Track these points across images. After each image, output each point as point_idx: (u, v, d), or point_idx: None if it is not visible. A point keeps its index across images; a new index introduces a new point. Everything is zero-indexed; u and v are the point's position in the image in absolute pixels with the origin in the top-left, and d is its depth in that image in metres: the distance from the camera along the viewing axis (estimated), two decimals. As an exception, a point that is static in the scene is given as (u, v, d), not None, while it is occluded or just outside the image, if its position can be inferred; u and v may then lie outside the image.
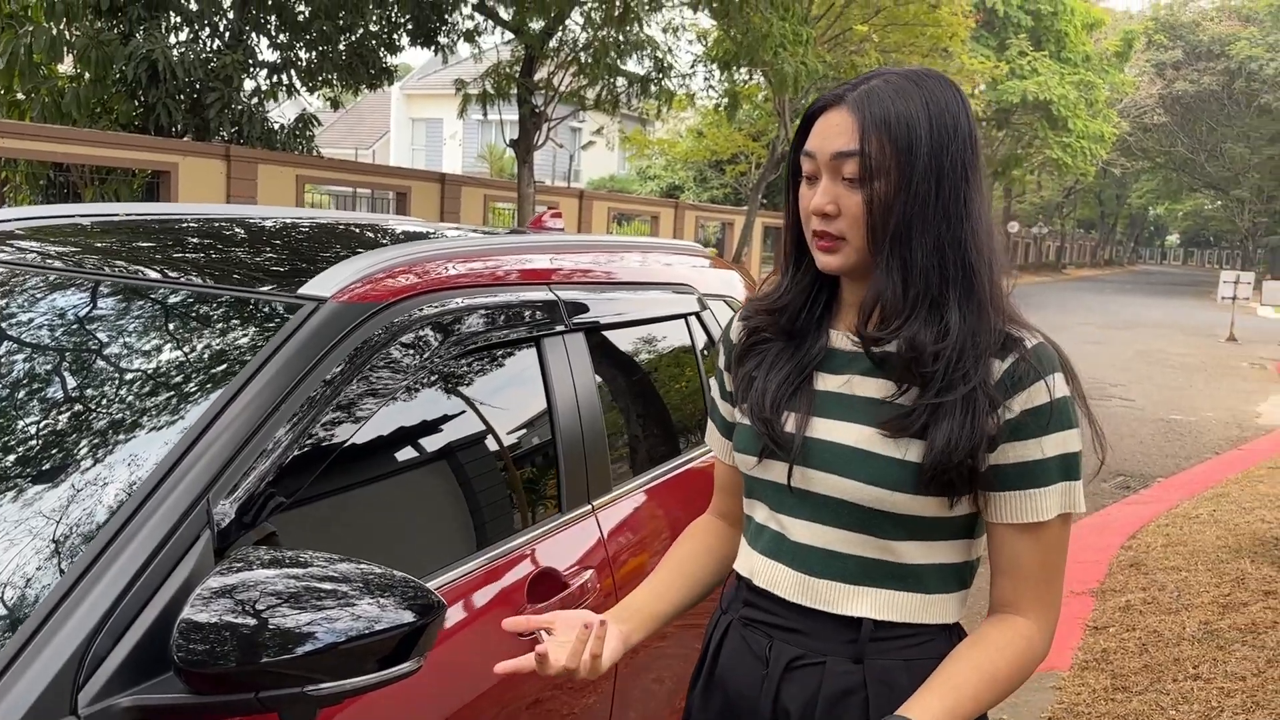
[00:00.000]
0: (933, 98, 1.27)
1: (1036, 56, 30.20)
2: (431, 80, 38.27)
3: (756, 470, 1.39)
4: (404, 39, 16.35)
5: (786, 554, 1.37)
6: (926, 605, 1.33)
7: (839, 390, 1.34)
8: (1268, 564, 4.71)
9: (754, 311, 1.44)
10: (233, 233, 2.20)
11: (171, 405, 1.46)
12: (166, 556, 1.25)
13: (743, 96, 17.18)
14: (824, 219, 1.29)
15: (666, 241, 2.89)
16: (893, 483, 1.27)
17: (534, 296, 2.03)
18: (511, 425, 1.98)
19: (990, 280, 1.28)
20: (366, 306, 1.64)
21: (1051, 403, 1.26)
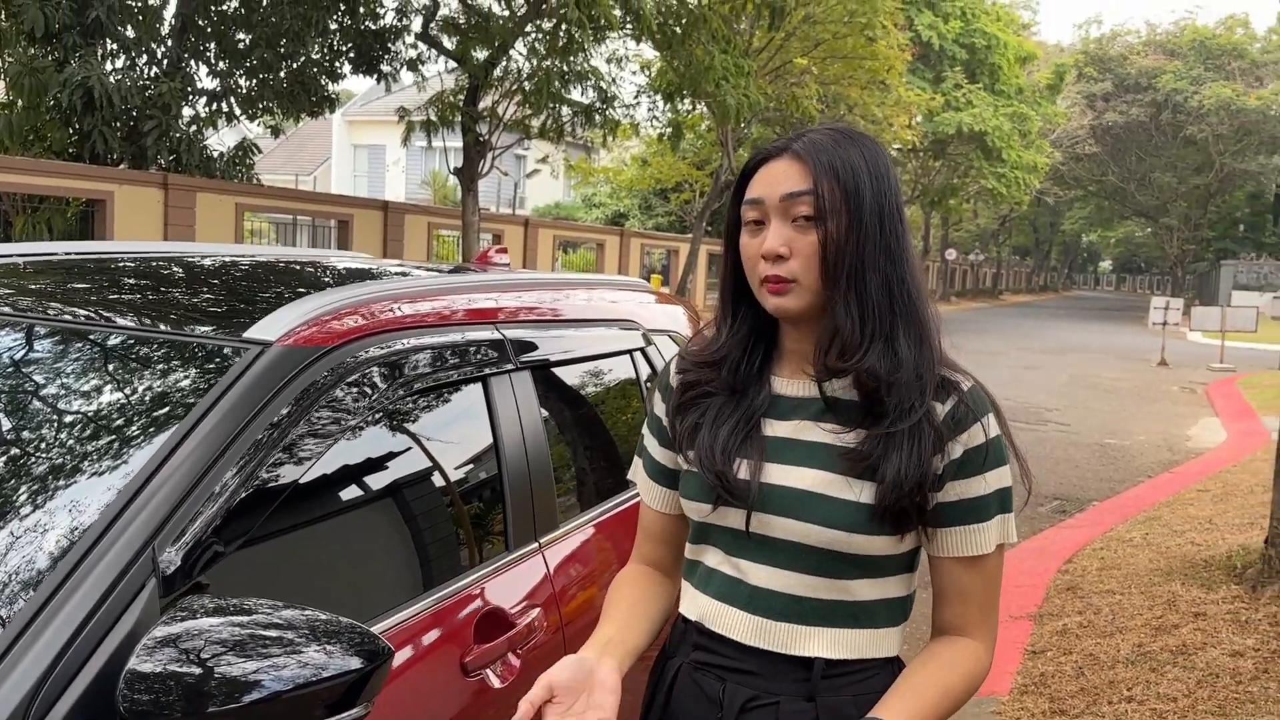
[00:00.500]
0: (865, 148, 1.36)
1: (971, 89, 30.94)
2: (374, 106, 38.09)
3: (712, 517, 1.40)
4: (346, 67, 16.30)
5: (742, 598, 1.39)
6: (875, 640, 1.38)
7: (790, 436, 1.37)
8: (1197, 586, 4.85)
9: (691, 366, 1.46)
10: (175, 273, 2.19)
11: (117, 451, 1.46)
12: (112, 605, 1.25)
13: (686, 126, 17.37)
14: (776, 262, 1.32)
15: (611, 278, 2.93)
16: (849, 524, 1.31)
17: (480, 336, 2.05)
18: (458, 464, 1.99)
19: (929, 315, 1.36)
20: (312, 350, 1.65)
21: (988, 442, 1.34)
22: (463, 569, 1.87)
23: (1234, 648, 4.04)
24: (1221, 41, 45.05)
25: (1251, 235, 51.54)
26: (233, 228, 14.35)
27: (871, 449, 1.31)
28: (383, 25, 15.92)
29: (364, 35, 15.52)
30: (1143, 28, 48.67)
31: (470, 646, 1.76)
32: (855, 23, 20.12)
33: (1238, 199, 50.92)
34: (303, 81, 15.23)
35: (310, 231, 17.31)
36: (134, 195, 12.66)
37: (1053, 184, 48.06)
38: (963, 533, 1.35)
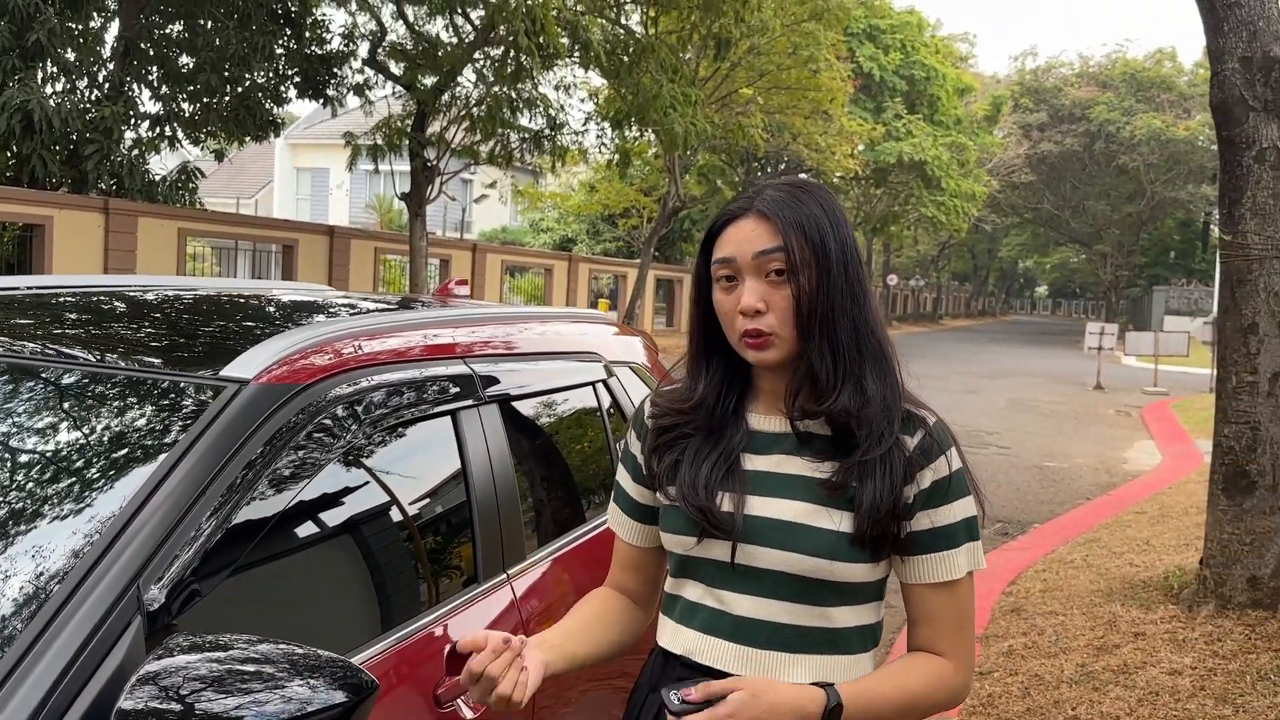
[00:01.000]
0: (822, 200, 1.44)
1: (911, 119, 31.59)
2: (318, 130, 37.84)
3: (695, 550, 1.45)
4: (291, 91, 16.23)
5: (727, 629, 1.44)
6: (851, 666, 1.44)
7: (770, 469, 1.44)
8: (1137, 607, 4.99)
9: (665, 412, 1.52)
10: (146, 309, 2.20)
11: (99, 489, 1.48)
12: (99, 644, 1.26)
13: (634, 153, 17.51)
14: (754, 317, 1.39)
15: (572, 311, 2.98)
16: (830, 551, 1.38)
17: (449, 371, 2.09)
18: (429, 498, 2.02)
19: (890, 349, 1.45)
20: (288, 387, 1.68)
21: (953, 474, 1.42)
22: (435, 601, 1.90)
23: (1172, 666, 4.18)
24: (1151, 74, 46.52)
25: (1182, 261, 53.10)
26: (175, 253, 14.18)
27: (847, 478, 1.39)
28: (329, 50, 15.89)
29: (310, 60, 15.48)
30: (1076, 60, 50.03)
31: (442, 678, 1.79)
32: (799, 55, 20.50)
33: (1169, 226, 52.46)
34: (247, 105, 15.13)
35: (251, 257, 17.12)
36: (74, 220, 12.46)
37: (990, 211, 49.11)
38: (934, 560, 1.42)
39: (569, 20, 13.31)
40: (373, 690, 1.31)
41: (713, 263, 1.44)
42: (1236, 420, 4.69)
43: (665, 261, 29.84)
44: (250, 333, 2.09)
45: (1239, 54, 4.60)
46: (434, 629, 1.83)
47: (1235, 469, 4.68)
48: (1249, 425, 4.65)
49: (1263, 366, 4.62)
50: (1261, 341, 4.61)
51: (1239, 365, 4.69)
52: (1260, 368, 4.62)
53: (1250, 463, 4.64)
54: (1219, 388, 4.83)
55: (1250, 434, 4.64)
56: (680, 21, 15.73)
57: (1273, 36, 4.59)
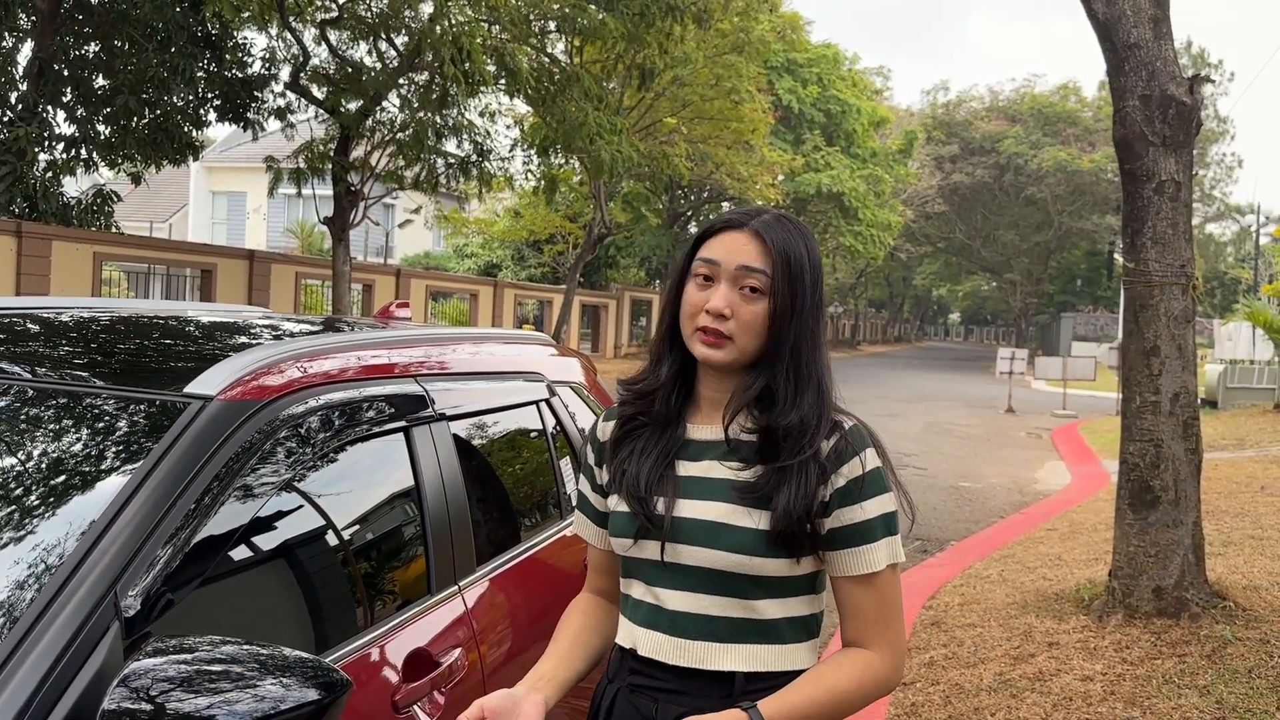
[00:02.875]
0: (807, 240, 1.59)
1: (829, 151, 32.33)
2: (235, 153, 37.22)
3: (633, 550, 1.59)
4: (212, 115, 16.00)
5: (664, 622, 1.56)
6: (785, 655, 1.55)
7: (700, 475, 1.57)
8: (1050, 618, 5.21)
9: (629, 396, 1.66)
10: (100, 328, 2.23)
11: (73, 503, 1.52)
12: (79, 649, 1.31)
13: (560, 180, 17.63)
14: (718, 318, 1.52)
15: (516, 333, 3.06)
16: (749, 548, 1.50)
17: (402, 389, 2.15)
18: (385, 512, 2.09)
19: (830, 379, 1.59)
20: (249, 404, 1.73)
21: (866, 473, 1.54)
22: (392, 610, 1.96)
23: (1084, 673, 4.37)
24: (1057, 109, 48.35)
25: (1089, 289, 55.01)
26: (90, 278, 13.85)
27: (765, 482, 1.51)
28: (250, 74, 15.72)
29: (231, 83, 15.28)
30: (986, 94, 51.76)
31: (400, 685, 1.85)
32: (721, 86, 20.88)
33: (1075, 255, 54.37)
34: (166, 128, 14.87)
35: (165, 282, 16.77)
36: (-16, 243, 12.11)
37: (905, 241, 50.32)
38: (852, 554, 1.53)
39: (495, 48, 13.41)
40: (346, 688, 1.37)
41: (696, 259, 1.57)
42: (1141, 438, 4.94)
43: (591, 288, 29.97)
44: (206, 351, 2.13)
45: (1139, 92, 4.90)
46: (391, 637, 1.89)
47: (1140, 485, 4.93)
48: (1152, 443, 4.90)
49: (1164, 387, 4.89)
50: (1163, 363, 4.88)
51: (1142, 386, 4.95)
52: (1162, 388, 4.89)
53: (1154, 478, 4.89)
54: (1124, 407, 5.09)
55: (1154, 451, 4.90)
56: (605, 51, 15.94)
57: (1169, 76, 4.89)
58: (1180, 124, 4.88)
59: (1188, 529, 4.88)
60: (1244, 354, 21.55)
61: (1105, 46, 5.03)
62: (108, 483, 1.54)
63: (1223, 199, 51.37)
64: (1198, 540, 4.93)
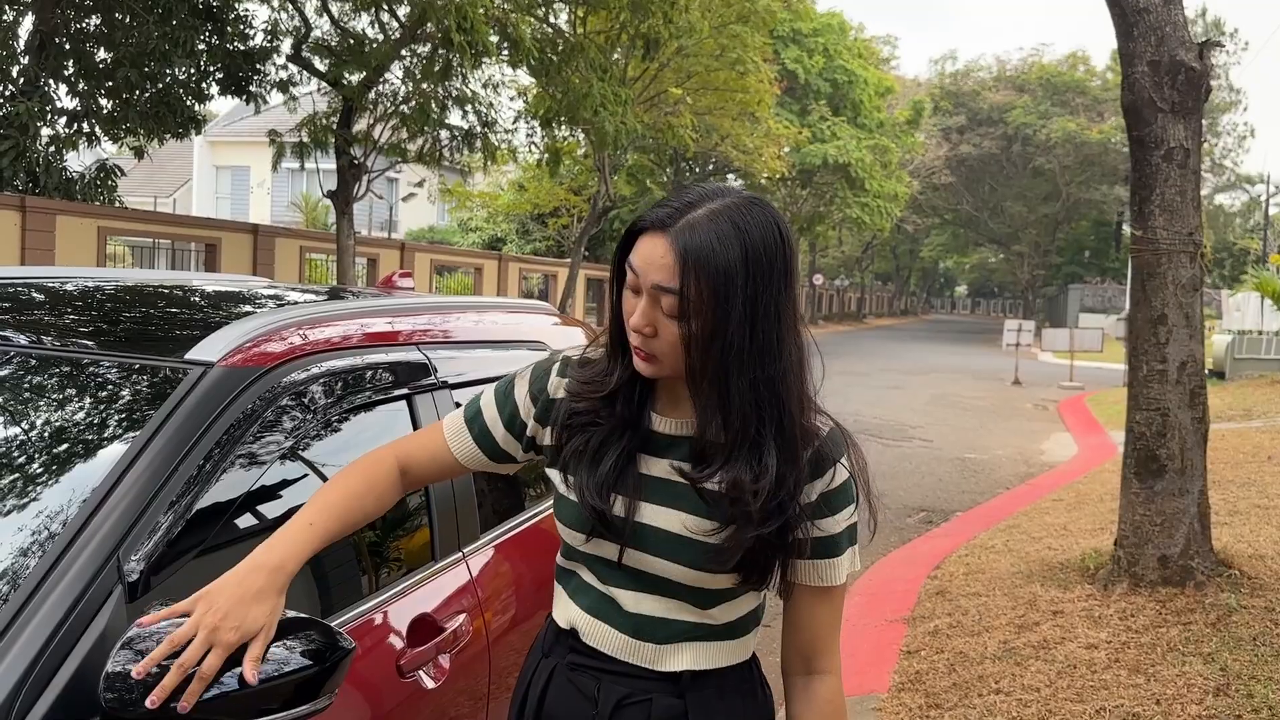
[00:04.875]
0: (751, 241, 1.30)
1: (836, 122, 32.15)
2: (238, 127, 37.13)
3: (584, 545, 1.48)
4: (214, 88, 15.93)
5: (616, 619, 1.47)
6: (733, 649, 1.50)
7: (663, 476, 1.43)
8: (1055, 587, 5.22)
9: (583, 394, 1.47)
10: (104, 297, 2.22)
11: (75, 467, 1.52)
12: (83, 611, 1.31)
13: (564, 152, 17.56)
14: (641, 336, 1.35)
15: (519, 301, 3.05)
16: (711, 565, 1.40)
17: (405, 357, 2.15)
18: (387, 479, 2.08)
19: (801, 409, 1.37)
20: (251, 370, 1.73)
21: (838, 486, 1.42)
22: (395, 577, 1.96)
23: (1089, 641, 4.38)
24: (1066, 78, 48.00)
25: (1096, 260, 54.82)
26: (94, 252, 13.85)
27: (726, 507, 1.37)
28: (252, 46, 15.63)
29: (232, 56, 15.20)
30: (994, 64, 51.40)
31: (405, 649, 1.85)
32: (726, 57, 20.73)
33: (1083, 226, 54.14)
34: (168, 102, 14.81)
35: (170, 257, 16.76)
36: (-12, 217, 12.11)
37: (912, 213, 50.17)
38: (816, 566, 1.44)
39: (498, 18, 13.31)
40: (350, 652, 1.37)
41: (626, 264, 1.37)
42: (1147, 407, 4.93)
43: (596, 261, 29.92)
44: (208, 319, 2.12)
45: (1148, 58, 4.85)
46: (395, 603, 1.89)
47: (1147, 453, 4.92)
48: (1159, 411, 4.89)
49: (1171, 355, 4.87)
50: (1170, 332, 4.86)
51: (1149, 354, 4.93)
52: (1169, 356, 4.87)
53: (1160, 447, 4.88)
54: (1131, 376, 5.07)
55: (1160, 420, 4.88)
56: (609, 21, 15.83)
57: (1179, 41, 4.84)
58: (1190, 90, 4.83)
59: (1194, 498, 4.88)
60: (1252, 325, 21.47)
61: (1114, 11, 4.98)
62: (110, 449, 1.54)
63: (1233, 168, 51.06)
64: (1204, 509, 4.93)
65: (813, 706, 1.49)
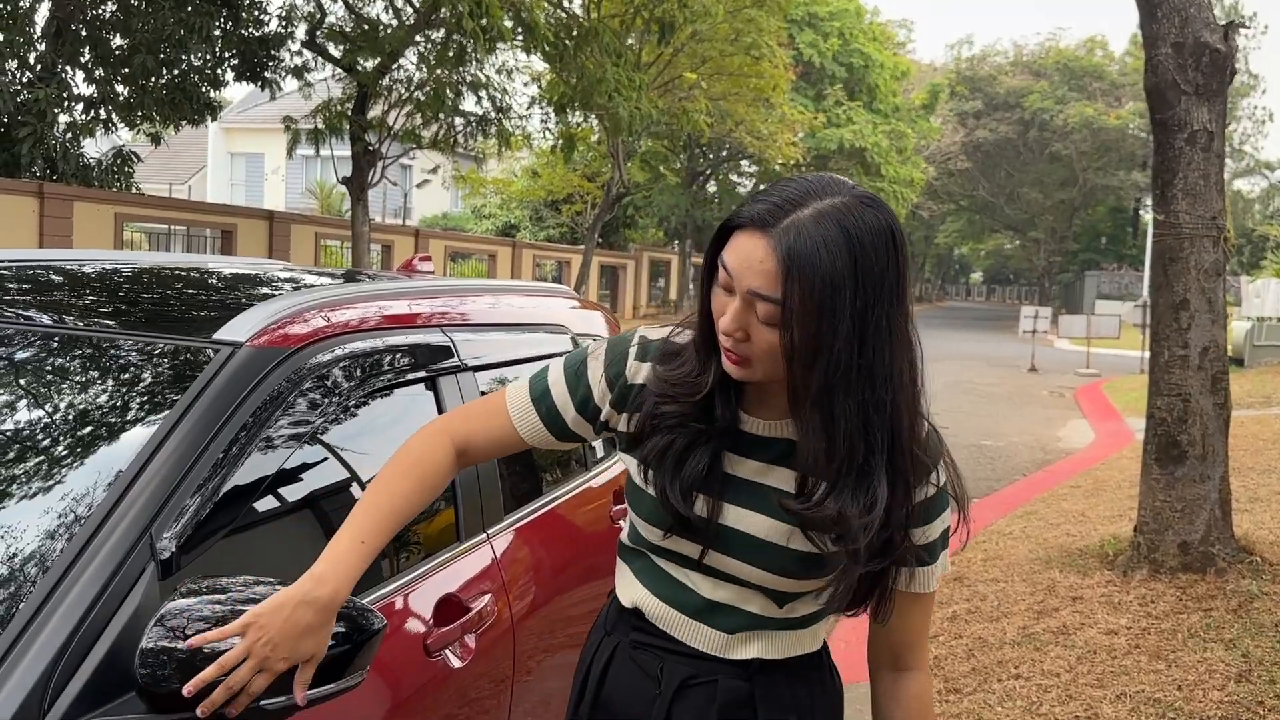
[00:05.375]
0: (862, 249, 1.18)
1: (851, 106, 31.96)
2: (253, 114, 37.18)
3: (663, 542, 1.42)
4: (229, 74, 15.95)
5: (688, 606, 1.43)
6: (805, 639, 1.46)
7: (751, 478, 1.36)
8: (1074, 573, 5.20)
9: (672, 396, 1.36)
10: (127, 279, 2.23)
11: (105, 446, 1.52)
12: (117, 588, 1.32)
13: (578, 138, 17.52)
14: (733, 340, 1.25)
15: (541, 285, 3.05)
16: (802, 572, 1.36)
17: (429, 339, 2.15)
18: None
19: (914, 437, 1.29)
20: (279, 351, 1.73)
21: (938, 493, 1.36)
22: (419, 559, 1.97)
23: (1109, 627, 4.37)
24: (1084, 63, 47.60)
25: (1113, 247, 54.45)
26: (111, 238, 13.91)
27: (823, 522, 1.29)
28: (267, 32, 15.64)
29: (247, 42, 15.21)
30: (1011, 48, 51.16)
31: (431, 629, 1.86)
32: (741, 41, 20.63)
33: (1100, 213, 53.76)
34: (184, 88, 14.83)
35: (185, 243, 16.81)
36: (7, 204, 12.17)
37: (927, 198, 49.86)
38: (911, 574, 1.39)
39: (512, 2, 13.27)
40: (380, 630, 1.37)
41: (719, 257, 1.26)
42: (1169, 393, 4.90)
43: (609, 248, 29.90)
44: (231, 300, 2.12)
45: (1171, 39, 4.80)
46: (421, 584, 1.90)
47: (1168, 439, 4.89)
48: (1180, 397, 4.86)
49: (1193, 341, 4.83)
50: (1192, 317, 4.82)
51: (1171, 340, 4.89)
52: (1191, 342, 4.83)
53: (1181, 433, 4.85)
54: (1152, 361, 5.04)
55: (1182, 405, 4.85)
56: (623, 5, 15.78)
57: (1203, 23, 4.78)
58: (1214, 72, 4.78)
59: (1215, 484, 4.85)
60: (1271, 311, 21.31)
61: (1137, -7, 4.93)
62: (140, 428, 1.55)
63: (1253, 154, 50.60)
64: (1225, 495, 4.90)
65: (900, 703, 1.46)
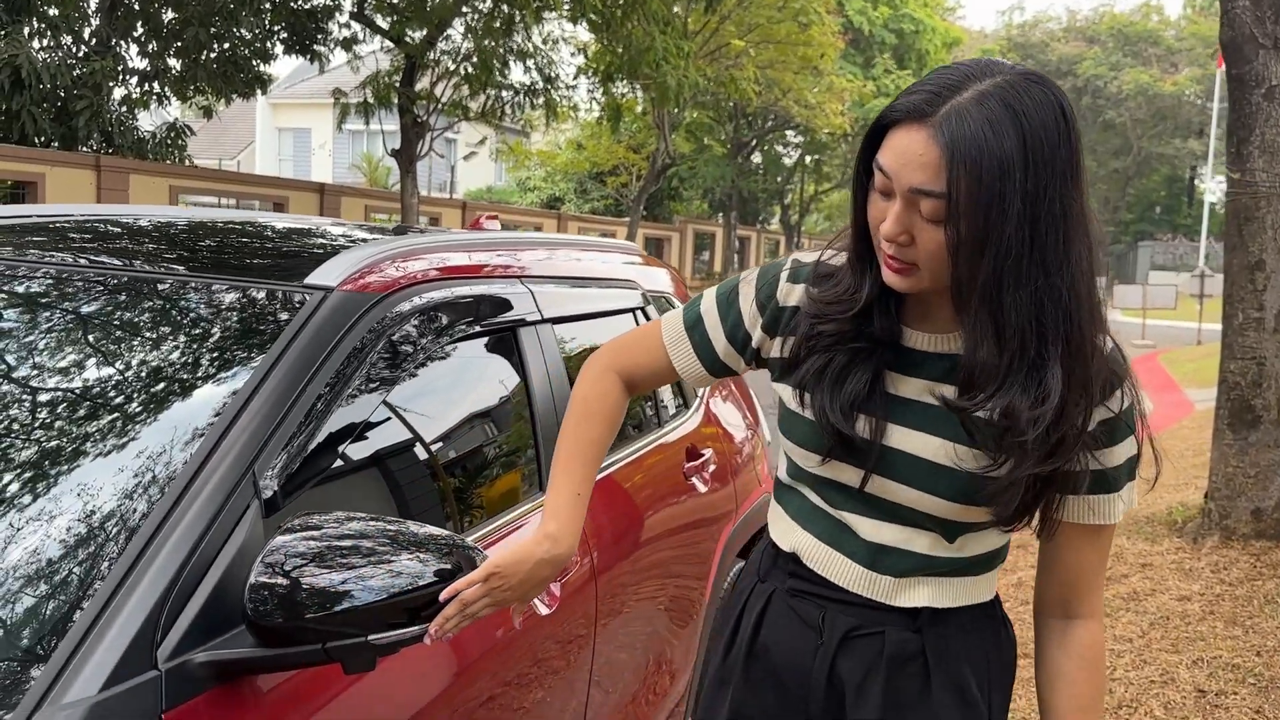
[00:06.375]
0: (1031, 126, 1.11)
1: (900, 75, 31.48)
2: (299, 89, 37.42)
3: (819, 468, 1.34)
4: (278, 47, 16.06)
5: (849, 548, 1.35)
6: (976, 586, 1.37)
7: (916, 397, 1.28)
8: (1141, 540, 5.11)
9: (828, 315, 1.29)
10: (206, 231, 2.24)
11: (205, 388, 1.53)
12: (222, 524, 1.32)
13: (624, 109, 17.44)
14: (896, 245, 1.18)
15: (607, 241, 3.02)
16: (972, 496, 1.25)
17: (509, 290, 2.13)
18: (495, 409, 2.08)
19: (1093, 323, 1.19)
20: (369, 296, 1.72)
21: (1123, 411, 1.25)
22: (504, 508, 1.96)
23: (1181, 593, 4.29)
24: (1138, 29, 46.49)
25: (1168, 217, 53.34)
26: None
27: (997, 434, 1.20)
28: (315, 4, 15.70)
29: (296, 15, 15.29)
30: (1063, 14, 50.03)
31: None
32: (789, 8, 20.38)
33: (1155, 181, 52.62)
34: (235, 61, 14.97)
35: (240, 215, 16.97)
36: (66, 176, 12.37)
37: (977, 168, 49.07)
38: (1091, 503, 1.28)
39: (561, -28, 13.22)
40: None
41: (875, 159, 1.18)
42: (1242, 356, 4.77)
43: (654, 220, 29.79)
44: (310, 249, 2.12)
45: (1249, -8, 4.64)
46: (505, 533, 1.89)
47: (1241, 404, 4.77)
48: (1255, 360, 4.73)
49: (1269, 303, 4.70)
50: (1268, 278, 4.69)
51: (1245, 302, 4.76)
52: (1266, 304, 4.70)
53: (1255, 397, 4.73)
54: (1225, 324, 4.91)
55: (1256, 369, 4.73)
56: (671, -27, 15.61)
57: (1283, -26, 4.62)
58: (1294, 24, 4.62)
59: (1290, 449, 4.73)
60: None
61: (1214, -57, 4.76)
62: (238, 370, 1.55)
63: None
64: (1300, 461, 4.78)
65: (1070, 653, 1.35)
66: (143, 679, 1.17)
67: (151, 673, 1.18)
